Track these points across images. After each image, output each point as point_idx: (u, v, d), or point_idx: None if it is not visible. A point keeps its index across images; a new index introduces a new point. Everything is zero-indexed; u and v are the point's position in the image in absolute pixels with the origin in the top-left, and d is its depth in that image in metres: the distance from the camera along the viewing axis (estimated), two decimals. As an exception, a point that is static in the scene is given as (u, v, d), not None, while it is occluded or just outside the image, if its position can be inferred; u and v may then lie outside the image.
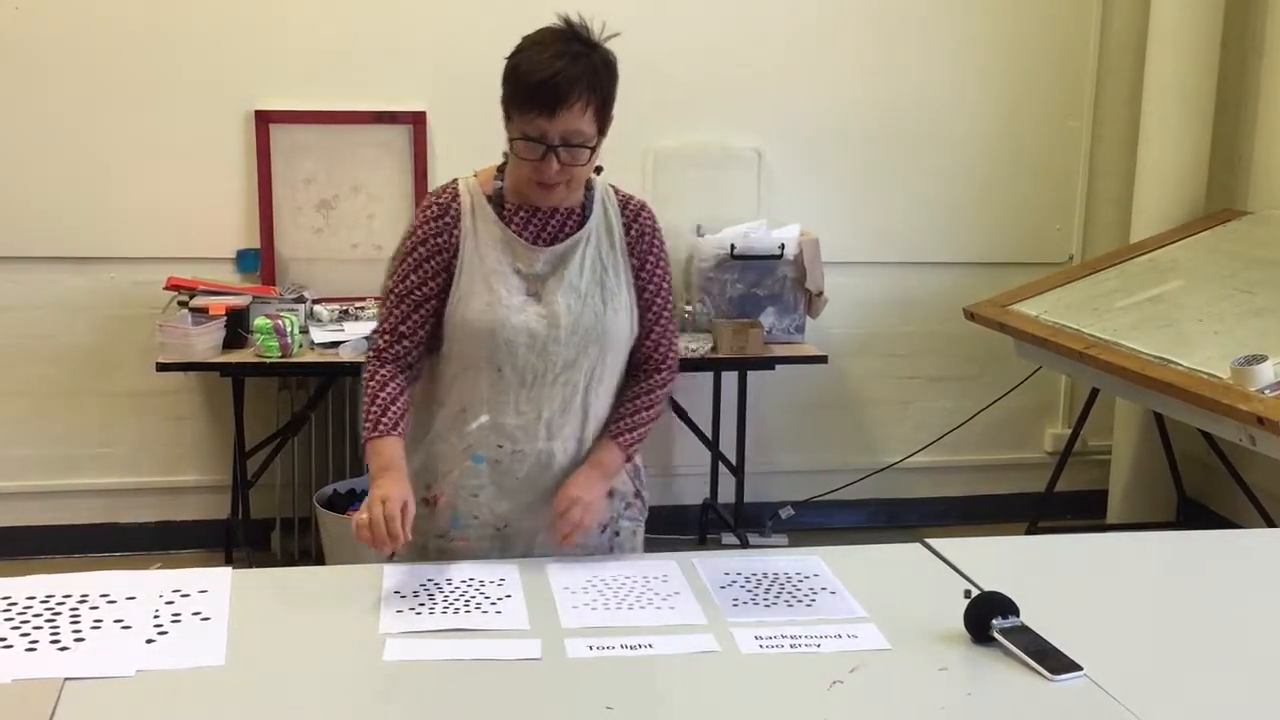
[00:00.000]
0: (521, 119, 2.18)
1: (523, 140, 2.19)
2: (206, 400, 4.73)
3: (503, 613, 2.04)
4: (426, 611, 2.03)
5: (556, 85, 2.14)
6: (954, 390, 5.25)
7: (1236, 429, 3.50)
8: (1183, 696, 1.81)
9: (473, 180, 2.34)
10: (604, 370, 2.33)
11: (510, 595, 2.11)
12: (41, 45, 4.41)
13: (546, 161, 2.19)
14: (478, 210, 2.30)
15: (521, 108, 2.18)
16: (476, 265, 2.27)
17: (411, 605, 2.05)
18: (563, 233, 2.32)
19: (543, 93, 2.15)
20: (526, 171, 2.23)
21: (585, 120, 2.19)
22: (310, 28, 4.51)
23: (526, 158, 2.20)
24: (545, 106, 2.15)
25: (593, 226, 2.33)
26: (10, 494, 4.67)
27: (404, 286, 2.30)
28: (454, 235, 2.28)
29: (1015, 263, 5.10)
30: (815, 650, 1.92)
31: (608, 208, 2.36)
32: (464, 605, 2.06)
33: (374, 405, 2.26)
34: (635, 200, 2.41)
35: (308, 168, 4.51)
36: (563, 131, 2.17)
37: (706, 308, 4.60)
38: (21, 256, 4.52)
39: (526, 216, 2.31)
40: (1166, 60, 4.81)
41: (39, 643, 1.87)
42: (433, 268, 2.28)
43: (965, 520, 5.25)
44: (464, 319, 2.27)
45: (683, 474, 5.13)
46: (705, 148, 4.87)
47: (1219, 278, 4.24)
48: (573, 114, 2.16)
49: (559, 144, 2.18)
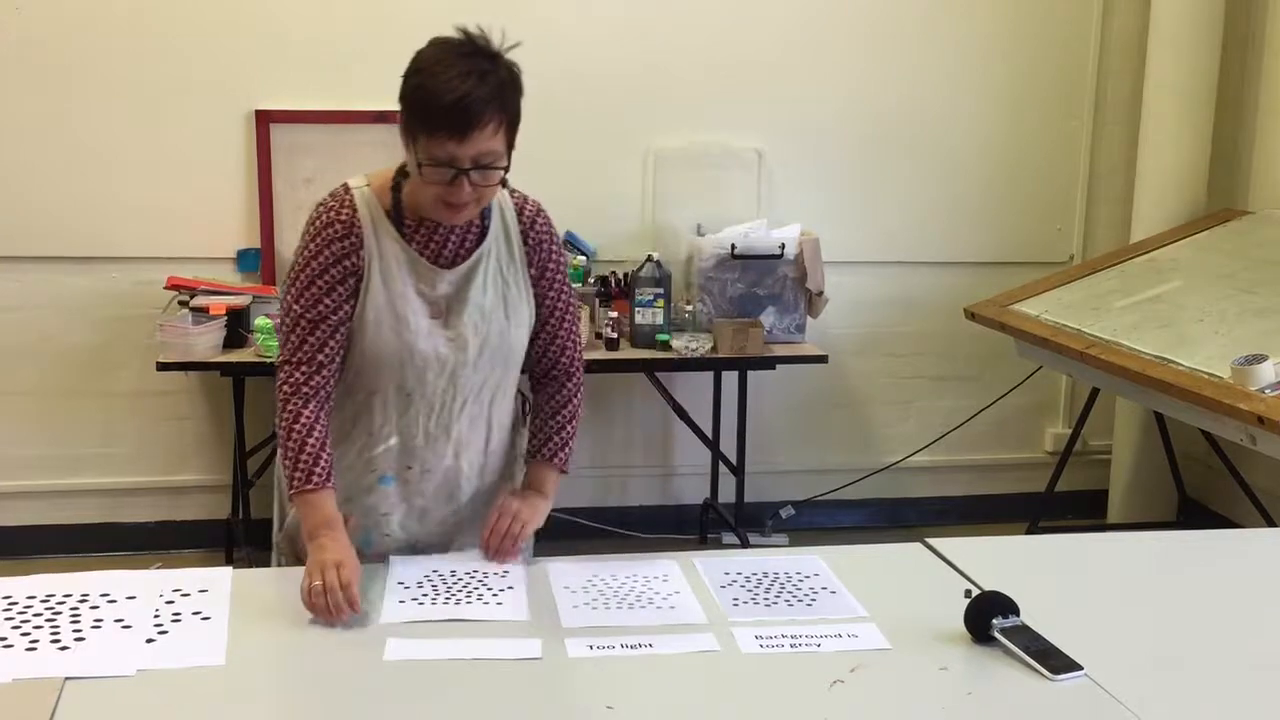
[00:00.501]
0: (430, 142, 2.05)
1: (432, 165, 2.07)
2: (207, 400, 4.73)
3: (504, 604, 2.05)
4: (429, 601, 2.05)
5: (468, 109, 2.02)
6: (954, 390, 5.25)
7: (1237, 429, 3.50)
8: (1183, 696, 1.81)
9: (368, 192, 2.21)
10: (507, 383, 2.32)
11: (513, 587, 2.12)
12: (42, 46, 4.41)
13: (458, 185, 2.07)
14: (379, 228, 2.19)
15: (430, 132, 2.04)
16: (381, 289, 2.18)
17: (415, 595, 2.07)
18: (463, 248, 2.23)
19: (453, 117, 2.02)
20: (435, 193, 2.10)
21: (496, 140, 2.07)
22: (311, 27, 4.52)
23: (436, 182, 2.08)
24: (455, 130, 2.02)
25: (492, 240, 2.26)
26: (11, 493, 4.67)
27: (318, 311, 2.17)
28: (361, 256, 2.18)
29: (1016, 262, 5.10)
30: (816, 650, 1.92)
31: (504, 215, 2.28)
32: (465, 596, 2.08)
33: (303, 453, 2.13)
34: (529, 205, 2.33)
35: (308, 167, 4.51)
36: (474, 154, 2.05)
37: (707, 307, 4.60)
38: (22, 256, 4.52)
39: (427, 234, 2.21)
40: (1167, 60, 4.81)
41: (39, 642, 1.87)
42: (345, 292, 2.17)
43: (966, 520, 5.25)
44: (373, 345, 2.19)
45: (683, 474, 5.13)
46: (706, 147, 4.87)
47: (1219, 277, 4.24)
48: (484, 135, 2.04)
49: (470, 167, 2.06)
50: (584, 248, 4.71)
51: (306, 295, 2.18)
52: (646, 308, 4.47)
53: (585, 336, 4.38)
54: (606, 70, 4.73)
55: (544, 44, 4.80)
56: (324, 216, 2.19)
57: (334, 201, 2.21)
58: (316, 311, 2.17)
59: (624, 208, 4.86)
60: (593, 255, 4.73)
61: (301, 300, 2.18)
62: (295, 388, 2.17)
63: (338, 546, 2.08)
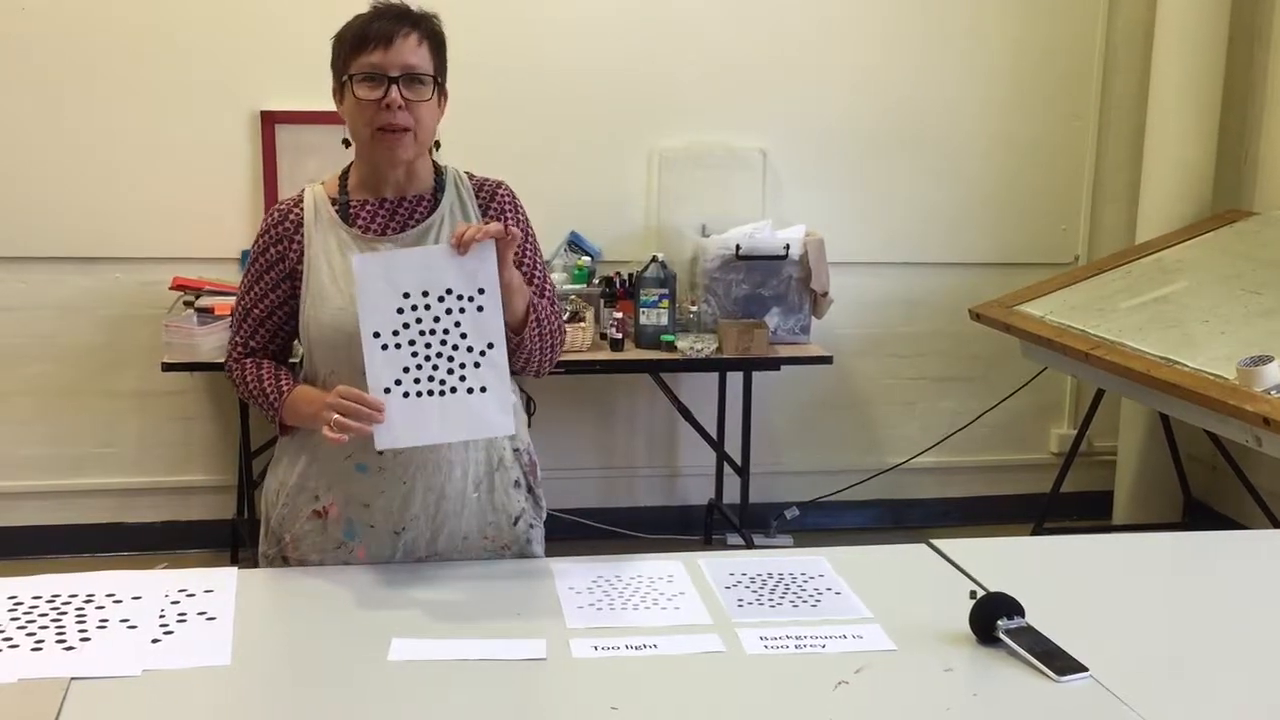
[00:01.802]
0: (356, 60, 2.16)
1: (363, 79, 2.15)
2: (212, 400, 4.73)
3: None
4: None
5: (387, 18, 2.15)
6: (959, 391, 5.24)
7: (1242, 430, 3.49)
8: (1188, 697, 1.81)
9: (319, 188, 2.30)
10: None
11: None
12: (48, 46, 4.42)
13: (390, 97, 2.14)
14: (320, 214, 2.25)
15: (355, 49, 2.16)
16: (324, 269, 2.22)
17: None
18: (412, 221, 2.26)
19: (375, 28, 2.15)
20: (368, 116, 2.16)
21: (422, 54, 2.17)
22: (316, 28, 4.47)
23: (368, 97, 2.15)
24: (380, 39, 2.14)
25: (444, 210, 2.27)
26: (16, 494, 4.68)
27: (248, 300, 2.29)
28: (295, 243, 2.24)
29: (1021, 263, 5.10)
30: (820, 651, 1.92)
31: (460, 191, 2.31)
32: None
33: (264, 383, 2.24)
34: (491, 181, 2.36)
35: (313, 168, 4.51)
36: (401, 64, 2.14)
37: (711, 308, 4.60)
38: (28, 257, 4.53)
39: (373, 209, 2.26)
40: (1173, 59, 4.81)
41: (45, 642, 1.88)
42: (273, 279, 2.26)
43: (970, 521, 5.25)
44: (318, 325, 2.22)
45: (688, 474, 5.14)
46: (710, 148, 4.87)
47: (1225, 278, 4.24)
48: (408, 45, 2.15)
49: (399, 75, 2.14)
50: (589, 248, 4.71)
51: (242, 285, 2.31)
52: (651, 308, 4.47)
53: (589, 336, 4.39)
54: (611, 71, 4.73)
55: (548, 44, 4.84)
56: (268, 213, 2.32)
57: (282, 200, 2.32)
58: (248, 299, 2.29)
59: (629, 208, 4.86)
60: (597, 256, 4.73)
61: (249, 296, 2.30)
62: (239, 360, 2.30)
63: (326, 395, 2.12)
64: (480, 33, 4.38)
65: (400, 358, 2.09)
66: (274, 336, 2.30)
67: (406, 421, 2.09)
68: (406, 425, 2.10)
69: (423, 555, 2.28)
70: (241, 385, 2.29)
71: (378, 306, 2.09)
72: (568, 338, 4.27)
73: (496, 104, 4.49)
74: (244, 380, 2.28)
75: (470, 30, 4.39)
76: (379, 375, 2.08)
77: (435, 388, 2.10)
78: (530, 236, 2.36)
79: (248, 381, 2.27)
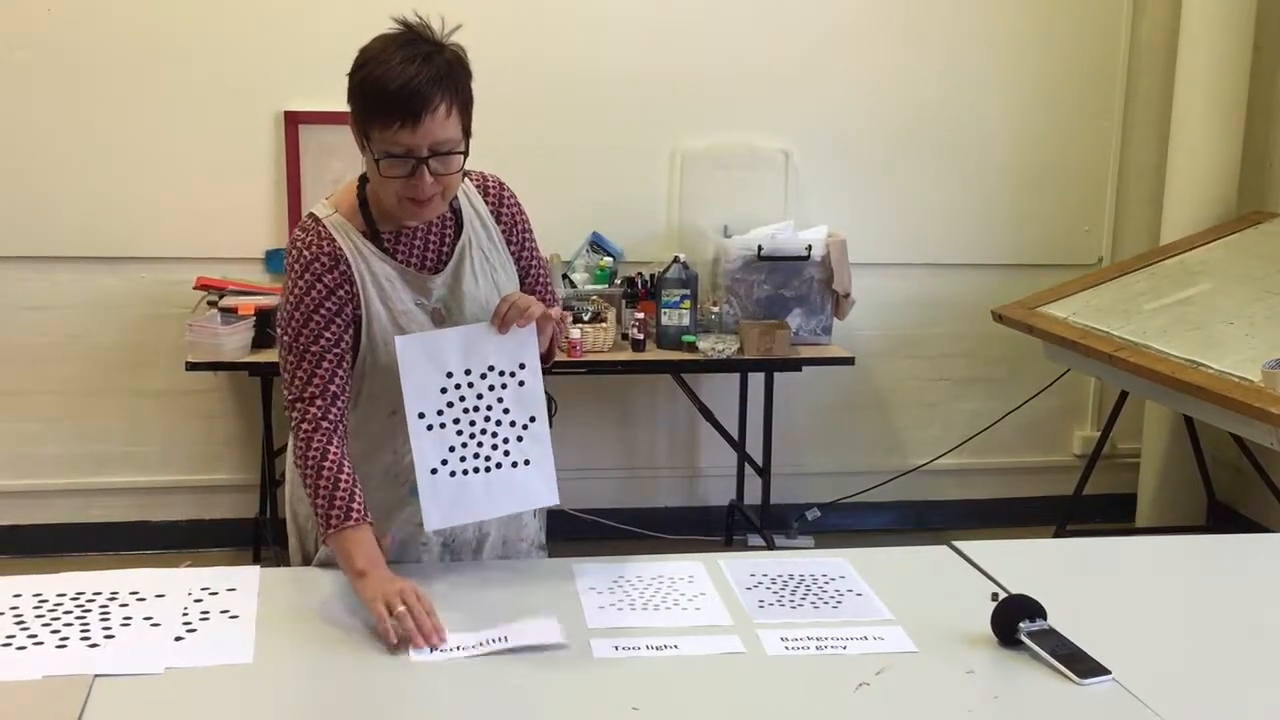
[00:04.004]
0: (382, 135, 2.02)
1: (388, 159, 2.03)
2: (235, 399, 4.76)
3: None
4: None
5: (415, 93, 1.99)
6: (982, 392, 5.23)
7: (1267, 432, 3.47)
8: (1212, 702, 1.80)
9: (338, 218, 2.17)
10: None
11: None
12: (73, 47, 4.44)
13: (419, 177, 2.03)
14: (361, 251, 2.16)
15: (380, 123, 2.01)
16: (382, 311, 2.16)
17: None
18: (444, 245, 2.22)
19: (401, 103, 1.99)
20: (396, 190, 2.07)
21: (451, 124, 2.04)
22: (339, 28, 4.50)
23: (395, 175, 2.04)
24: (408, 117, 1.99)
25: (469, 230, 2.24)
26: (42, 492, 4.70)
27: (321, 345, 2.12)
28: (352, 286, 2.14)
29: (1044, 264, 5.07)
30: (841, 652, 1.92)
31: (472, 201, 2.27)
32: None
33: (338, 490, 2.06)
34: (490, 180, 2.30)
35: (337, 168, 4.53)
36: (430, 142, 2.02)
37: (733, 309, 4.60)
38: (53, 256, 4.56)
39: (408, 242, 2.20)
40: (1197, 61, 4.78)
41: (69, 640, 1.89)
42: (343, 322, 2.14)
43: (993, 523, 5.23)
44: (385, 366, 2.15)
45: (709, 475, 5.13)
46: (732, 148, 4.87)
47: (1250, 280, 4.21)
48: (437, 120, 2.01)
49: (428, 155, 2.03)
50: (610, 249, 4.71)
51: (307, 331, 2.13)
52: (673, 309, 4.47)
53: (611, 336, 4.39)
54: (633, 71, 4.73)
55: (570, 45, 4.84)
56: (305, 254, 2.15)
57: (308, 236, 2.16)
58: (320, 345, 2.13)
59: (650, 209, 4.86)
60: (619, 256, 4.73)
61: (303, 336, 2.13)
62: (315, 423, 2.11)
63: (398, 578, 2.00)
64: (502, 33, 4.38)
65: (446, 437, 2.11)
66: (348, 378, 2.18)
67: (455, 500, 2.12)
68: (455, 504, 2.12)
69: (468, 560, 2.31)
70: (315, 462, 2.09)
71: (422, 387, 2.11)
72: (590, 338, 4.30)
73: (519, 105, 4.50)
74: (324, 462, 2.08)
75: (492, 31, 4.40)
76: (426, 456, 2.09)
77: (481, 464, 2.13)
78: (528, 227, 2.34)
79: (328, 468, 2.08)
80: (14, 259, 4.54)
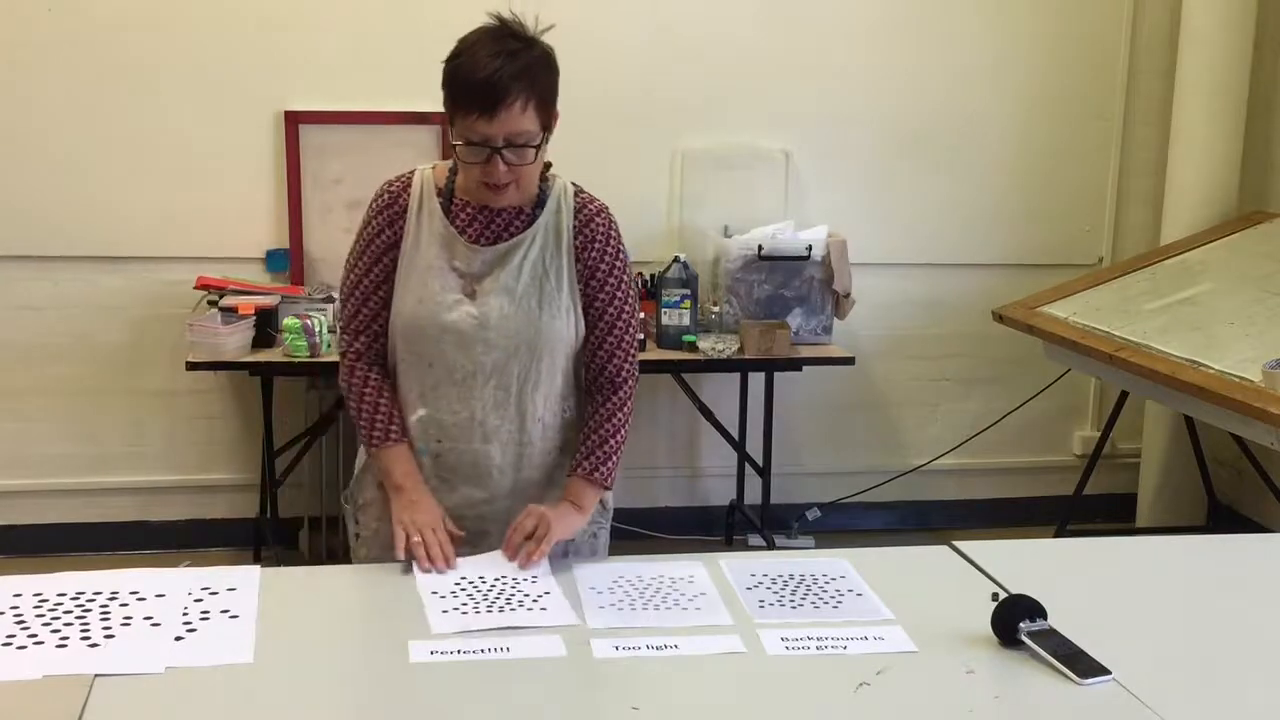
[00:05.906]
0: (463, 123, 2.15)
1: (465, 145, 2.16)
2: (236, 399, 4.76)
3: (548, 609, 2.05)
4: (473, 610, 2.03)
5: (494, 85, 2.10)
6: (982, 392, 5.23)
7: (1267, 432, 3.47)
8: (1212, 701, 1.80)
9: (429, 172, 2.32)
10: (539, 375, 2.31)
11: (549, 591, 2.11)
12: (72, 46, 4.44)
13: (492, 164, 2.16)
14: (425, 204, 2.29)
15: (462, 111, 2.14)
16: (414, 259, 2.27)
17: (456, 605, 2.04)
18: (507, 232, 2.29)
19: (480, 94, 2.11)
20: (474, 174, 2.20)
21: (527, 118, 2.14)
22: (339, 28, 4.53)
23: (471, 161, 2.18)
24: (484, 108, 2.11)
25: (539, 228, 2.29)
26: (42, 491, 4.70)
27: (370, 281, 2.30)
28: (399, 227, 2.28)
29: (1044, 264, 5.07)
30: (842, 652, 1.92)
31: (561, 209, 2.31)
32: (506, 604, 2.06)
33: (379, 412, 2.30)
34: (594, 204, 2.35)
35: (337, 168, 4.53)
36: (505, 133, 2.13)
37: (733, 309, 4.60)
38: (53, 256, 4.56)
39: (474, 213, 2.29)
40: (1198, 60, 4.78)
41: (69, 639, 1.89)
42: (389, 263, 2.29)
43: (993, 523, 5.22)
44: (398, 313, 2.28)
45: (709, 475, 5.13)
46: (733, 148, 4.87)
47: (1251, 280, 4.21)
48: (513, 114, 2.12)
49: (503, 145, 2.14)
50: (611, 249, 4.71)
51: (359, 265, 2.31)
52: (673, 309, 4.47)
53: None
54: (633, 71, 4.73)
55: (570, 45, 4.80)
56: (379, 189, 2.32)
57: (391, 184, 2.33)
58: (369, 280, 2.30)
59: (651, 209, 4.86)
60: (619, 256, 4.73)
61: (356, 270, 2.31)
62: (359, 354, 2.32)
63: (428, 504, 2.25)
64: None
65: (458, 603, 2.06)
66: (378, 313, 2.31)
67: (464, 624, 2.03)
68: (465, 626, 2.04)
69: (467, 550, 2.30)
70: (359, 387, 2.32)
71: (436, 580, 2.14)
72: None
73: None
74: (365, 388, 2.32)
75: (493, 31, 4.41)
76: (440, 626, 1.99)
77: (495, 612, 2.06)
78: (615, 272, 2.34)
79: (369, 394, 2.31)
80: (14, 259, 4.54)
